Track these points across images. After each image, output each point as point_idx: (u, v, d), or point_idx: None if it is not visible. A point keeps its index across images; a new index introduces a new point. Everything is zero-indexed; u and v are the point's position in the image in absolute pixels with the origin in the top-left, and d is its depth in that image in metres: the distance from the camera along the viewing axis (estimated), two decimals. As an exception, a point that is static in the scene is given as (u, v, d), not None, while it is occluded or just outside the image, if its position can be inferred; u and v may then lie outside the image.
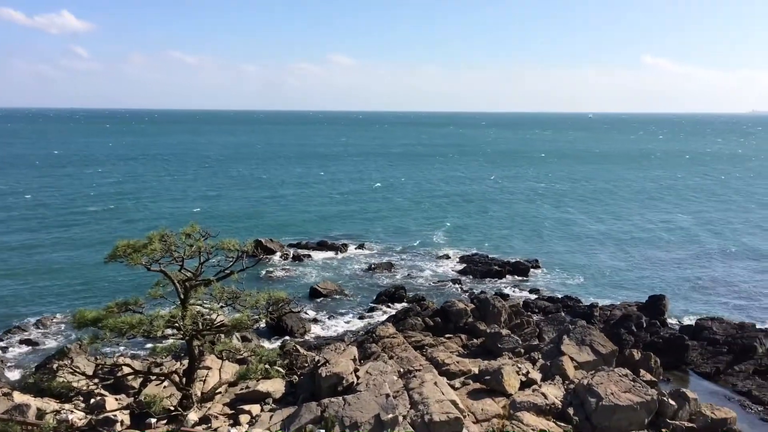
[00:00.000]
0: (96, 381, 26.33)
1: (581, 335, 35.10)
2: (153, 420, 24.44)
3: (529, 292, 55.12)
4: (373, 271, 60.54)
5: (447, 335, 40.42)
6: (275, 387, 29.22)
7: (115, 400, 27.64)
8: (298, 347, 36.88)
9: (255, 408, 27.36)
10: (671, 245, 73.48)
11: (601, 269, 63.08)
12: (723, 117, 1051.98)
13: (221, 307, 26.06)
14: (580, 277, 60.15)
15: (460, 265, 63.24)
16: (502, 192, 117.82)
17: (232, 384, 29.57)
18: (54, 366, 30.94)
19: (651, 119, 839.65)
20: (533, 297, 53.14)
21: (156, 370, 27.91)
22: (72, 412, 25.93)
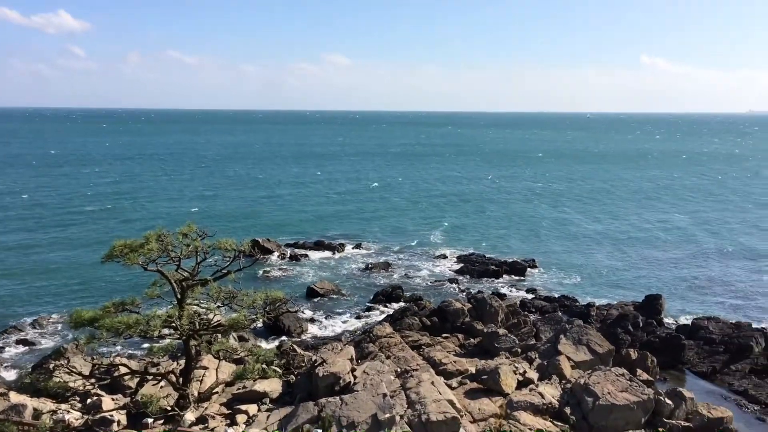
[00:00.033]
0: (93, 381, 26.31)
1: (578, 335, 35.17)
2: (150, 420, 24.41)
3: (526, 291, 55.17)
4: (370, 271, 60.54)
5: (444, 335, 40.48)
6: (272, 387, 29.25)
7: (112, 400, 27.65)
8: (295, 347, 36.92)
9: (252, 408, 27.38)
10: (668, 245, 73.62)
11: (598, 269, 63.16)
12: (720, 117, 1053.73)
13: (218, 307, 26.08)
14: (576, 277, 60.22)
15: (457, 265, 63.26)
16: (499, 192, 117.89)
17: (229, 384, 29.56)
18: (50, 366, 30.91)
19: (648, 119, 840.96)
20: (530, 297, 53.18)
21: (153, 370, 27.96)
22: (68, 412, 25.94)
